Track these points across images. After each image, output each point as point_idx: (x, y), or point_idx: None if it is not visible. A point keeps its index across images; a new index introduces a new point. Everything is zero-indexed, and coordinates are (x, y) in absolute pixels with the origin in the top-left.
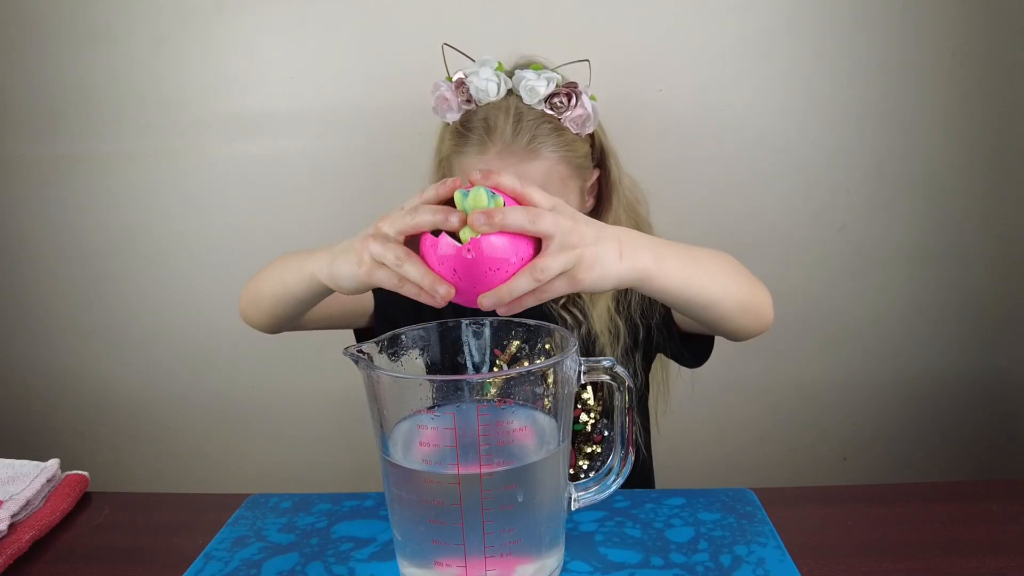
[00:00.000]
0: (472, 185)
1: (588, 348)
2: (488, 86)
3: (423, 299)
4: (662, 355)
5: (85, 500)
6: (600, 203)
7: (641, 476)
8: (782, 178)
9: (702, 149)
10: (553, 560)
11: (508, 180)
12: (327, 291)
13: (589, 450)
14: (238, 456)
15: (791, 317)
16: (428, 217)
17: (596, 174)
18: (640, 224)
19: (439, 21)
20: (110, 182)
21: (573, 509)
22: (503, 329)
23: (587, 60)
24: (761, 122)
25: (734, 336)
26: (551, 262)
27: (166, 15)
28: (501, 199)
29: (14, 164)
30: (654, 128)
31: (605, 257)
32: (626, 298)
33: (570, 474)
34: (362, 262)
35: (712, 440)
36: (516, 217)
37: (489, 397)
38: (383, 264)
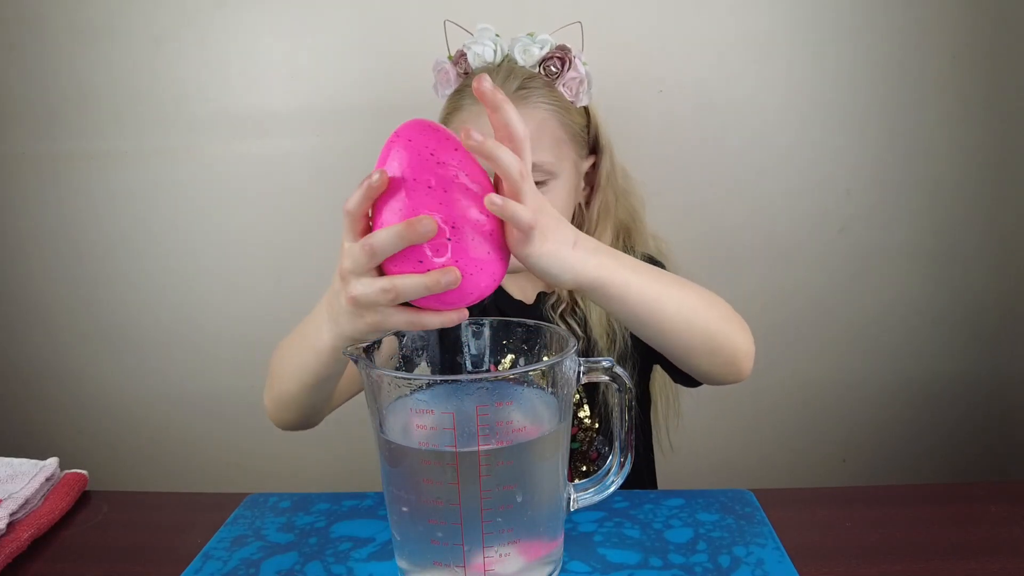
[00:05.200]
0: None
1: (588, 355)
2: (485, 51)
3: (448, 320)
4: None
5: (84, 499)
6: (592, 190)
7: (639, 484)
8: (782, 179)
9: (702, 150)
10: (552, 561)
11: (485, 140)
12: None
13: (585, 468)
14: (237, 455)
15: (791, 318)
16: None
17: (592, 160)
18: (633, 216)
19: (439, 21)
20: (109, 181)
21: (572, 509)
22: (502, 331)
23: (579, 22)
24: (761, 123)
25: (702, 377)
26: (521, 202)
27: (166, 13)
28: None
29: (14, 162)
30: (654, 129)
31: (560, 236)
32: None
33: None
34: (361, 317)
35: (711, 441)
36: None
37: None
38: (379, 307)
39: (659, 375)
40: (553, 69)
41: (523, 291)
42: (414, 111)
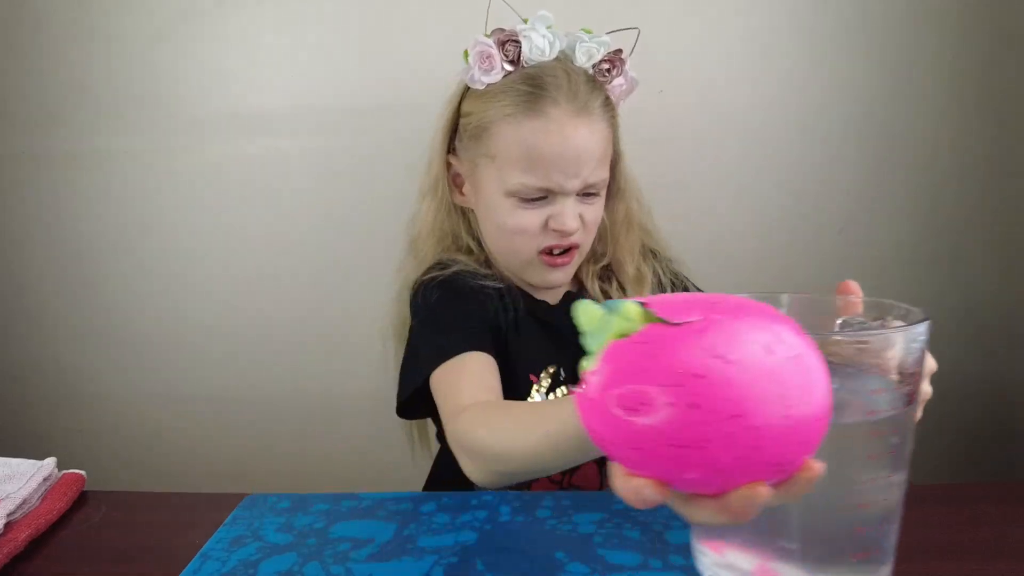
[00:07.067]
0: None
1: None
2: (544, 44)
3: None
4: None
5: (82, 499)
6: (609, 193)
7: None
8: (781, 180)
9: (702, 150)
10: None
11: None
12: None
13: None
14: (236, 455)
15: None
16: None
17: None
18: (643, 220)
19: (440, 21)
20: (109, 180)
21: None
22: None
23: (637, 28)
24: (761, 123)
25: None
26: None
27: (166, 13)
28: (635, 318)
29: (14, 162)
30: (654, 129)
31: None
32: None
33: None
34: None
35: None
36: None
37: None
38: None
39: None
40: (605, 72)
41: (550, 290)
42: (415, 112)
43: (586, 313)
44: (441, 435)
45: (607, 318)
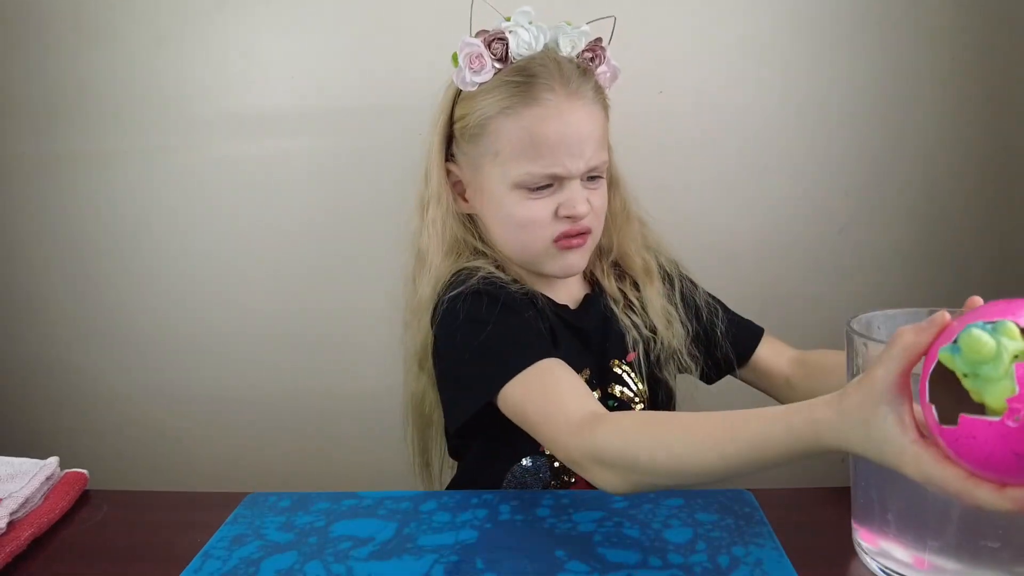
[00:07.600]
0: (949, 330)
1: (652, 342)
2: (530, 37)
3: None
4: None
5: (84, 498)
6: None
7: None
8: (781, 180)
9: (702, 151)
10: None
11: None
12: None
13: None
14: (237, 454)
15: (790, 319)
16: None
17: None
18: (639, 212)
19: (440, 21)
20: (110, 180)
21: None
22: None
23: (613, 16)
24: (761, 124)
25: None
26: None
27: (167, 13)
28: (1018, 336)
29: (14, 162)
30: (654, 130)
31: None
32: (674, 294)
33: None
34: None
35: None
36: None
37: None
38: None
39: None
40: (588, 62)
41: (569, 294)
42: (415, 112)
43: (977, 343)
44: (456, 450)
45: (1002, 344)
